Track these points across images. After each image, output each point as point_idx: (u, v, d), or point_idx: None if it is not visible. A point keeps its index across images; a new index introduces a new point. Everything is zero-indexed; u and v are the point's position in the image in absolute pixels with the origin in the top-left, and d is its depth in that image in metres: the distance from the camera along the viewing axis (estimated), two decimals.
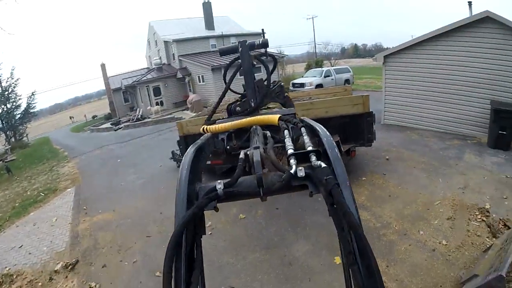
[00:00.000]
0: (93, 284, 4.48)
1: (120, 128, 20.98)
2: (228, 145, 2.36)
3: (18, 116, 25.93)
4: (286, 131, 1.77)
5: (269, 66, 2.97)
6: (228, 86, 2.72)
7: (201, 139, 1.91)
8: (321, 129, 1.54)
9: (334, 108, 5.82)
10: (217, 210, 1.22)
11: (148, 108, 22.79)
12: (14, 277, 4.96)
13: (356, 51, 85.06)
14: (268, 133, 2.05)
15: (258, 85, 2.83)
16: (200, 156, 1.68)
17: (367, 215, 5.18)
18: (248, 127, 2.26)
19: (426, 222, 4.82)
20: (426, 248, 4.22)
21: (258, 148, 1.55)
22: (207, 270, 1.09)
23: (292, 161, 1.25)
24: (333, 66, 29.33)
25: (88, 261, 5.13)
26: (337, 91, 8.98)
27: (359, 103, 5.76)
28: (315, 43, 47.78)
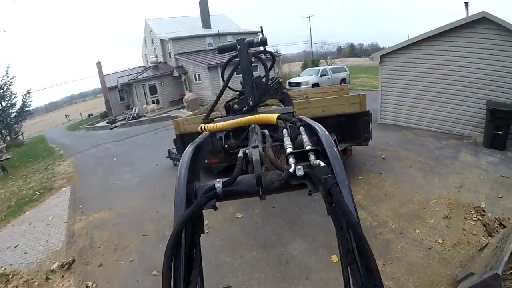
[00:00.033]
0: (90, 284, 4.46)
1: (116, 127, 20.90)
2: (226, 144, 2.35)
3: (14, 115, 25.83)
4: (285, 130, 1.76)
5: (267, 64, 2.97)
6: (226, 84, 2.71)
7: (199, 138, 1.90)
8: (320, 128, 1.54)
9: (331, 107, 5.84)
10: (216, 209, 1.21)
11: (144, 107, 22.72)
12: (10, 277, 4.93)
13: (353, 51, 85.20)
14: (267, 132, 2.04)
15: (256, 82, 2.82)
16: (199, 155, 1.68)
17: (364, 214, 5.19)
18: (246, 126, 2.25)
19: (422, 221, 4.85)
20: (422, 247, 4.25)
21: (257, 147, 1.54)
22: (204, 269, 1.09)
23: (291, 160, 1.25)
24: (330, 65, 29.32)
25: (85, 260, 5.10)
26: (334, 90, 8.99)
27: (356, 102, 5.78)
28: (312, 42, 47.84)
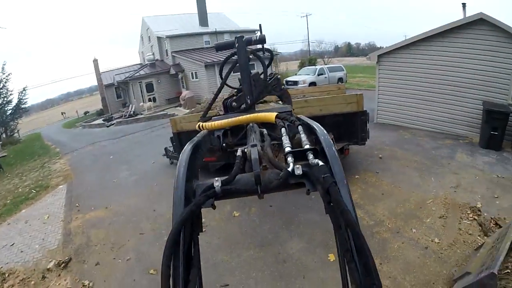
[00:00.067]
0: (86, 282, 4.44)
1: (113, 125, 20.78)
2: (224, 142, 2.34)
3: (9, 112, 25.67)
4: (283, 129, 1.76)
5: (266, 62, 2.96)
6: (224, 82, 2.69)
7: (198, 136, 1.90)
8: (318, 127, 1.54)
9: (329, 107, 5.85)
10: (215, 208, 1.21)
11: (141, 104, 22.61)
12: (6, 276, 4.89)
13: (350, 50, 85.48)
14: (265, 131, 2.04)
15: (255, 79, 2.81)
16: (197, 154, 1.68)
17: (361, 213, 5.21)
18: (245, 125, 2.24)
19: (419, 220, 4.88)
20: (419, 246, 4.27)
21: (256, 146, 1.54)
22: (202, 268, 1.09)
23: (290, 159, 1.25)
24: (327, 65, 29.35)
25: (81, 259, 5.08)
26: (331, 90, 9.02)
27: (353, 102, 5.80)
28: (309, 41, 47.85)
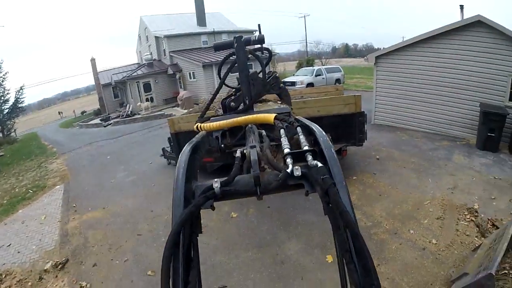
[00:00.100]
0: (84, 284, 4.42)
1: (110, 124, 20.71)
2: (223, 143, 2.34)
3: (6, 111, 25.42)
4: (282, 130, 1.77)
5: (264, 62, 2.95)
6: (223, 82, 2.69)
7: (197, 137, 1.90)
8: (317, 129, 1.54)
9: (326, 108, 5.86)
10: (214, 209, 1.21)
11: (138, 104, 22.53)
12: (3, 277, 4.86)
13: (347, 51, 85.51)
14: (264, 132, 2.04)
15: (253, 78, 2.80)
16: (196, 154, 1.67)
17: (358, 214, 5.20)
18: (243, 125, 2.25)
19: (416, 222, 4.89)
20: (417, 247, 4.29)
21: (255, 147, 1.54)
22: (200, 269, 1.09)
23: (289, 160, 1.25)
24: (324, 65, 29.40)
25: (79, 260, 5.06)
26: (329, 91, 9.04)
27: (351, 103, 5.81)
28: (307, 42, 47.87)
